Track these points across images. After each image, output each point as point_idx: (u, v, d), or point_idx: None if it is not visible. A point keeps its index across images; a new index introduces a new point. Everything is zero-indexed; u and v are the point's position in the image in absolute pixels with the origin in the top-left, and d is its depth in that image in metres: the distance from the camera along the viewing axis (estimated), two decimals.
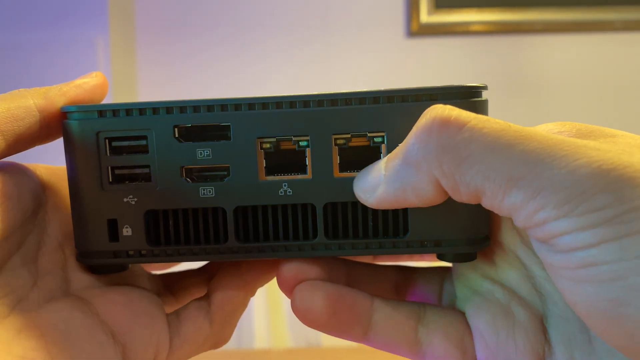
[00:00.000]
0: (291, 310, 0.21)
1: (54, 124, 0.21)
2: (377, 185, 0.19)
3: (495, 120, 0.16)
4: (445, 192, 0.17)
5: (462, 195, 0.17)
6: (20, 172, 0.20)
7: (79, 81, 0.22)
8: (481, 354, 0.21)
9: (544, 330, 0.20)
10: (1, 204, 0.18)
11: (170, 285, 0.26)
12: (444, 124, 0.16)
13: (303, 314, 0.21)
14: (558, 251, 0.16)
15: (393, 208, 0.19)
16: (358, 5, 1.21)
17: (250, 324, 1.03)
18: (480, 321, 0.21)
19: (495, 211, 0.17)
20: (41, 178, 0.21)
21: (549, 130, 0.19)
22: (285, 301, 1.06)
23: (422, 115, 0.17)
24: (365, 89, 0.20)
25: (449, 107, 0.17)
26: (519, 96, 1.22)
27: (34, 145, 0.21)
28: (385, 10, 1.21)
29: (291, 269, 0.22)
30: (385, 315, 0.21)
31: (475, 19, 1.20)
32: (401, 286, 0.24)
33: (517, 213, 0.16)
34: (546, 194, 0.15)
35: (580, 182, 0.14)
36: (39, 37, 1.02)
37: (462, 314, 0.22)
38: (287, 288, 0.22)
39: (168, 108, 0.20)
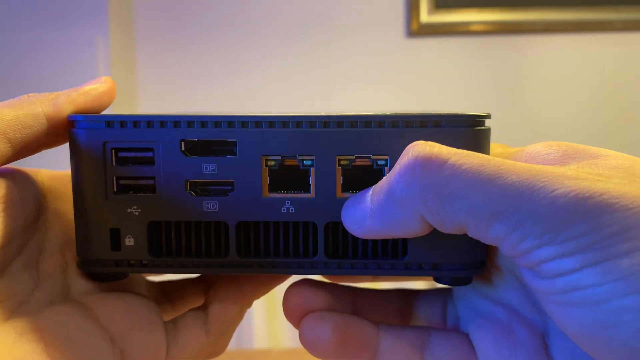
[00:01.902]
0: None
1: (61, 131, 0.21)
2: (365, 217, 0.19)
3: (476, 154, 0.17)
4: (430, 225, 0.18)
5: (447, 228, 0.17)
6: (23, 178, 0.20)
7: (87, 87, 0.22)
8: None
9: (546, 347, 0.20)
10: (5, 210, 0.19)
11: (168, 293, 0.26)
12: (426, 162, 0.17)
13: (311, 345, 0.21)
14: (543, 277, 0.16)
15: (380, 239, 0.20)
16: (358, 5, 1.21)
17: (250, 324, 1.03)
18: (483, 342, 0.21)
19: (482, 241, 0.17)
20: (42, 184, 0.21)
21: (537, 152, 0.19)
22: None
23: (404, 152, 0.18)
24: (370, 113, 0.20)
25: (430, 143, 0.17)
26: (518, 96, 1.22)
27: (39, 151, 0.21)
28: (385, 10, 1.21)
29: (298, 297, 0.22)
30: (391, 342, 0.22)
31: (475, 19, 1.20)
32: (405, 310, 0.25)
33: (502, 243, 0.17)
34: (527, 225, 0.16)
35: (558, 212, 0.15)
36: (39, 36, 1.01)
37: (466, 335, 0.22)
38: (295, 319, 0.22)
39: (175, 122, 0.20)
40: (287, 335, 1.04)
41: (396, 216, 0.18)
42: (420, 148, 0.17)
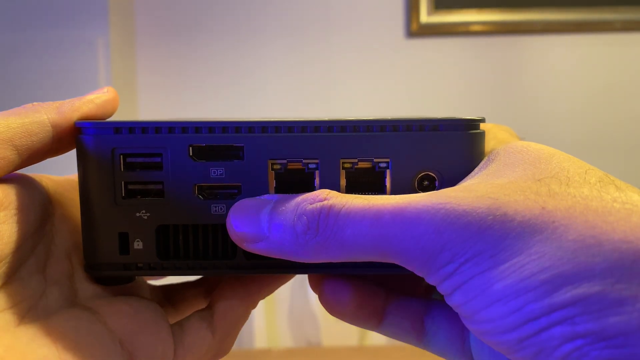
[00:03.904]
0: (291, 310, 0.22)
1: (66, 138, 0.21)
2: (260, 239, 0.19)
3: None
4: None
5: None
6: (30, 184, 0.20)
7: (91, 96, 0.22)
8: (474, 342, 0.22)
9: None
10: (16, 215, 0.19)
11: (170, 297, 0.26)
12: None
13: (331, 306, 0.22)
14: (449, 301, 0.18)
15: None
16: (358, 6, 1.21)
17: (250, 324, 1.03)
18: None
19: None
20: (47, 189, 0.21)
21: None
22: (285, 301, 1.06)
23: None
24: (372, 117, 0.21)
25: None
26: (518, 96, 1.22)
27: (45, 158, 0.21)
28: (385, 10, 1.21)
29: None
30: (396, 308, 0.23)
31: (475, 19, 1.20)
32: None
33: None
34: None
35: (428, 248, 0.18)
36: (39, 37, 1.01)
37: None
38: (314, 283, 0.23)
39: (183, 128, 0.21)
40: (287, 335, 1.04)
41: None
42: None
